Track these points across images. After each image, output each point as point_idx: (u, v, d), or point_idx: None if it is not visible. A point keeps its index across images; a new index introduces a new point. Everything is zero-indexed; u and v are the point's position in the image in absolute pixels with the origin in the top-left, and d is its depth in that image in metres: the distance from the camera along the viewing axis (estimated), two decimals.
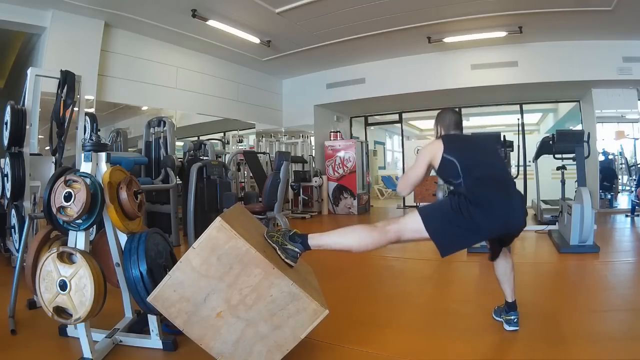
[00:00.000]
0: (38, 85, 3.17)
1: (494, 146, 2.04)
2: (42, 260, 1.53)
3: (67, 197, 1.51)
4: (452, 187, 1.80)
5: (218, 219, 1.43)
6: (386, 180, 11.47)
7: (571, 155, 4.33)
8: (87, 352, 1.53)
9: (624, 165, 6.91)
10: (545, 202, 5.58)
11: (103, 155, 1.70)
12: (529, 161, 5.99)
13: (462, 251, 3.64)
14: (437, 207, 1.73)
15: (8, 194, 2.87)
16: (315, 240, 1.63)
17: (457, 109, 2.04)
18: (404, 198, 8.31)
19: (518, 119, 6.76)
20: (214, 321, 1.45)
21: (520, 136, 6.09)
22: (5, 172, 2.90)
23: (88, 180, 1.57)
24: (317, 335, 1.70)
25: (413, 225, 1.64)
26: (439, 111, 2.05)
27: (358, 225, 1.71)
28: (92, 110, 4.44)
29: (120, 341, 1.76)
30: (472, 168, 1.69)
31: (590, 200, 3.38)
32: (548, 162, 5.11)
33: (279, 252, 1.58)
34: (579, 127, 7.10)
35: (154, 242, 1.75)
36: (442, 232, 1.61)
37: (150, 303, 1.47)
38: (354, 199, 7.30)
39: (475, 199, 1.59)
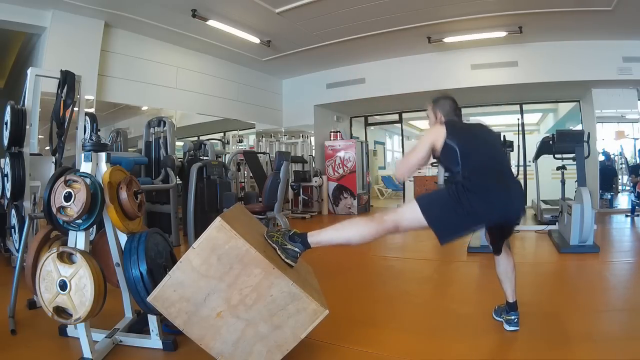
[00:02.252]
0: (38, 85, 3.17)
1: (495, 137, 2.02)
2: (42, 260, 1.53)
3: (67, 197, 1.51)
4: (450, 176, 1.79)
5: (218, 219, 1.43)
6: (386, 180, 11.47)
7: (571, 155, 4.32)
8: (87, 352, 1.53)
9: (624, 166, 6.90)
10: (545, 202, 5.58)
11: (103, 155, 1.70)
12: (529, 161, 6.00)
13: (462, 251, 3.65)
14: (436, 196, 1.72)
15: (8, 194, 2.87)
16: (315, 237, 1.62)
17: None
18: (404, 199, 8.32)
19: (518, 119, 6.78)
20: (214, 321, 1.44)
21: (520, 136, 6.12)
22: (5, 172, 2.90)
23: (88, 180, 1.57)
24: (317, 335, 1.70)
25: (411, 213, 1.62)
26: (435, 97, 2.01)
27: (356, 217, 1.71)
28: (92, 110, 4.44)
29: (120, 341, 1.76)
30: (471, 156, 1.68)
31: (590, 200, 3.38)
32: (548, 162, 5.10)
33: (279, 252, 1.57)
34: (579, 127, 7.10)
35: (154, 242, 1.75)
36: (440, 220, 1.60)
37: (150, 303, 1.47)
38: (354, 199, 7.30)
39: (473, 186, 1.58)
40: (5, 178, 2.90)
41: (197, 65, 6.48)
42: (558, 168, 4.84)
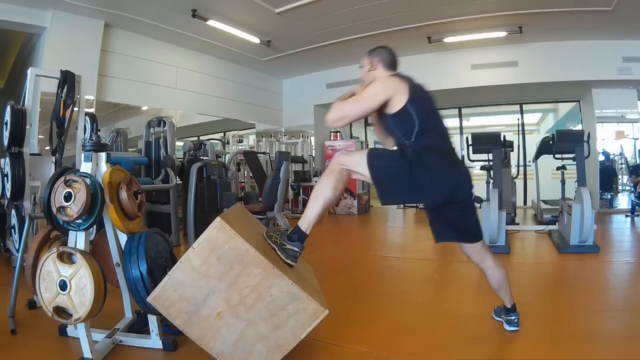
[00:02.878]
0: (38, 85, 3.17)
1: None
2: (42, 260, 1.53)
3: (67, 197, 1.51)
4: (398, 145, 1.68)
5: (218, 219, 1.43)
6: None
7: (571, 155, 4.33)
8: (87, 352, 1.53)
9: (624, 166, 6.91)
10: (545, 202, 5.58)
11: (103, 155, 1.70)
12: (529, 161, 6.00)
13: (462, 251, 3.64)
14: (387, 155, 1.66)
15: (8, 194, 2.87)
16: (303, 221, 1.61)
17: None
18: None
19: (518, 119, 6.78)
20: (214, 321, 1.44)
21: (520, 136, 6.11)
22: (5, 172, 2.90)
23: (88, 180, 1.57)
24: (317, 335, 1.70)
25: (359, 162, 1.60)
26: (375, 47, 1.85)
27: (318, 182, 1.68)
28: (92, 110, 4.44)
29: (120, 341, 1.76)
30: (429, 134, 1.59)
31: (590, 200, 3.38)
32: (548, 162, 5.11)
33: (278, 253, 1.57)
34: (579, 127, 7.10)
35: (154, 242, 1.75)
36: (383, 178, 1.58)
37: (150, 303, 1.47)
38: (354, 199, 7.30)
39: (423, 162, 1.54)
40: (5, 178, 2.90)
41: (197, 65, 6.48)
42: (558, 168, 4.85)
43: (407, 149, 1.59)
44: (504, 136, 4.43)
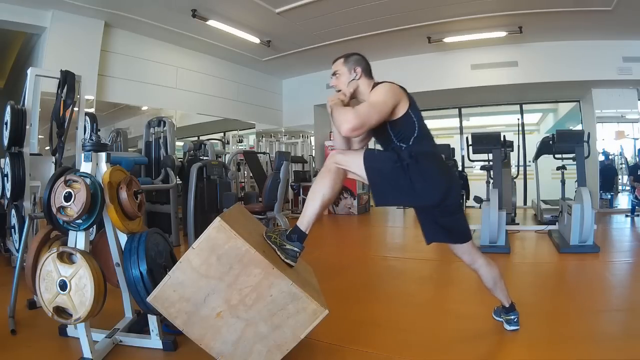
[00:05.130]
0: (38, 85, 3.17)
1: None
2: (42, 260, 1.53)
3: (67, 197, 1.51)
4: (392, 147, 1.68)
5: (217, 219, 1.43)
6: None
7: (571, 155, 4.33)
8: (87, 352, 1.53)
9: (624, 166, 6.91)
10: (545, 202, 5.58)
11: (103, 155, 1.70)
12: (529, 161, 6.00)
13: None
14: (383, 157, 1.66)
15: (8, 194, 2.87)
16: (302, 221, 1.62)
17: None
18: None
19: (518, 119, 6.77)
20: (214, 321, 1.45)
21: (520, 136, 6.11)
22: (5, 172, 2.90)
23: (88, 180, 1.57)
24: (317, 335, 1.70)
25: (355, 162, 1.62)
26: (347, 54, 1.77)
27: (316, 181, 1.69)
28: (92, 110, 4.44)
29: (120, 341, 1.76)
30: (425, 140, 1.64)
31: (590, 200, 3.38)
32: (548, 162, 5.11)
33: (278, 253, 1.57)
34: (579, 127, 7.10)
35: (154, 242, 1.75)
36: (379, 180, 1.60)
37: (150, 303, 1.47)
38: (354, 199, 7.30)
39: (420, 166, 1.55)
40: (5, 178, 2.90)
41: (197, 65, 6.48)
42: (558, 168, 4.85)
43: (403, 152, 1.60)
44: (504, 136, 4.42)
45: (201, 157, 4.78)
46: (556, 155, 4.79)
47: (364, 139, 1.83)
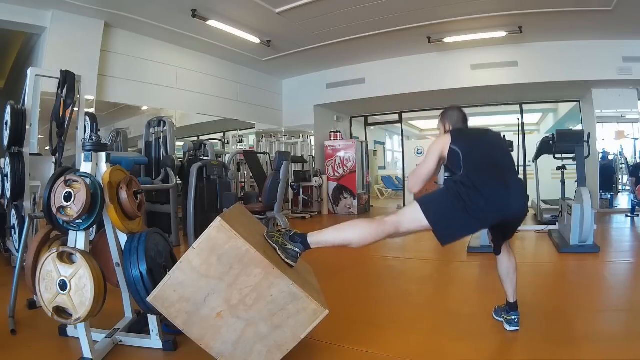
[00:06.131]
0: (38, 85, 3.17)
1: (498, 139, 2.02)
2: (42, 260, 1.53)
3: (67, 197, 1.51)
4: (451, 176, 1.83)
5: (218, 219, 1.43)
6: (386, 180, 11.48)
7: (571, 155, 4.33)
8: (87, 352, 1.53)
9: (624, 165, 6.91)
10: (545, 202, 5.58)
11: (103, 155, 1.70)
12: (529, 161, 5.99)
13: (462, 251, 3.65)
14: (436, 195, 1.71)
15: (8, 194, 2.87)
16: (315, 237, 1.61)
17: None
18: (404, 199, 8.31)
19: (518, 119, 6.76)
20: (214, 321, 1.45)
21: (520, 136, 6.10)
22: (5, 172, 2.90)
23: (88, 180, 1.57)
24: (317, 335, 1.70)
25: (412, 214, 1.62)
26: (444, 109, 2.09)
27: (356, 219, 1.71)
28: (92, 110, 4.44)
29: (120, 341, 1.76)
30: (472, 156, 1.72)
31: (590, 200, 3.38)
32: (548, 162, 5.10)
33: (279, 253, 1.57)
34: (579, 127, 7.10)
35: (154, 242, 1.75)
36: (441, 219, 1.60)
37: (150, 303, 1.47)
38: (354, 199, 7.30)
39: (473, 183, 1.59)
40: (5, 178, 2.90)
41: (197, 65, 6.48)
42: (558, 168, 4.84)
43: (448, 182, 1.69)
44: (504, 136, 4.41)
45: (201, 157, 4.78)
46: (556, 155, 4.78)
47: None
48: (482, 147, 1.81)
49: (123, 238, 1.71)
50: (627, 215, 5.76)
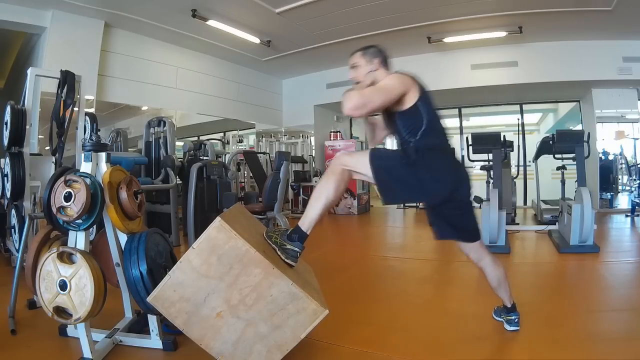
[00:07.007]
0: (38, 85, 3.17)
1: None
2: (42, 260, 1.53)
3: (67, 197, 1.51)
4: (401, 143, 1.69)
5: (218, 219, 1.43)
6: None
7: (571, 155, 4.33)
8: (87, 352, 1.53)
9: (624, 165, 6.90)
10: (545, 202, 5.58)
11: (103, 155, 1.70)
12: (529, 161, 6.00)
13: (462, 250, 3.64)
14: (390, 154, 1.67)
15: (8, 194, 2.87)
16: (304, 223, 1.62)
17: None
18: None
19: (518, 119, 6.78)
20: (214, 321, 1.44)
21: (520, 136, 6.11)
22: (5, 172, 2.90)
23: (88, 180, 1.57)
24: (317, 335, 1.70)
25: (360, 156, 1.62)
26: (366, 46, 1.79)
27: (319, 182, 1.68)
28: (92, 110, 4.44)
29: (120, 341, 1.76)
30: (434, 134, 1.62)
31: (590, 200, 3.38)
32: (548, 162, 5.11)
33: (278, 253, 1.57)
34: (579, 127, 7.10)
35: (154, 242, 1.75)
36: (386, 178, 1.59)
37: (150, 303, 1.47)
38: (354, 199, 7.29)
39: (426, 161, 1.56)
40: (5, 178, 2.90)
41: (197, 65, 6.48)
42: (558, 168, 4.85)
43: (410, 148, 1.60)
44: (504, 136, 4.42)
45: (201, 157, 4.78)
46: (556, 155, 4.79)
47: (384, 129, 1.84)
48: (439, 118, 1.67)
49: (123, 238, 1.71)
50: (627, 215, 5.75)
